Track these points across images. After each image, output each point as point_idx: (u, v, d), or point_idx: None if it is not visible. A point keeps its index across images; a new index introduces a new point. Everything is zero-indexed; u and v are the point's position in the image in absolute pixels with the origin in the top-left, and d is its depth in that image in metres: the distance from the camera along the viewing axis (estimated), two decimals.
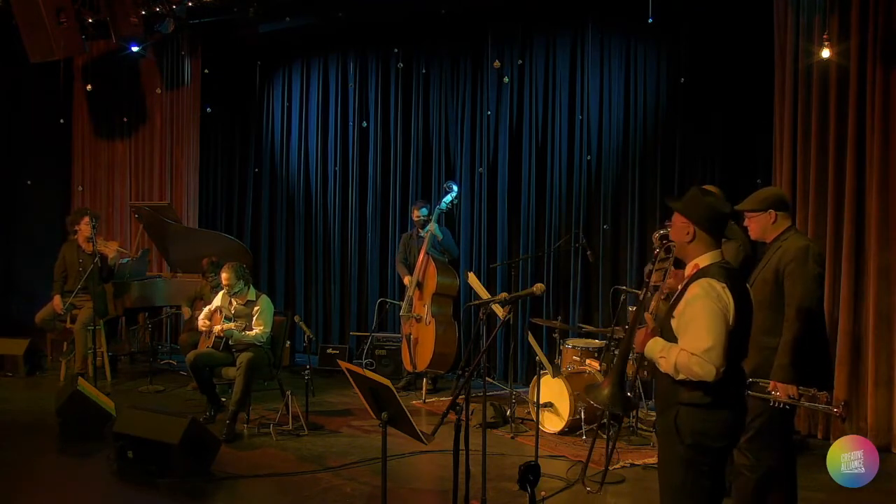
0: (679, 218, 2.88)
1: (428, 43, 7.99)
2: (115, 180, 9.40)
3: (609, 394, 2.90)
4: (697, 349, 2.63)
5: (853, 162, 5.29)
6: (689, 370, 2.65)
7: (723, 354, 2.63)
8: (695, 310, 2.69)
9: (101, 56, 9.02)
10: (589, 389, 3.08)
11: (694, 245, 2.84)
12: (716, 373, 2.62)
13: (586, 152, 7.06)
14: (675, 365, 2.69)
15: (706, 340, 2.63)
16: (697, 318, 2.67)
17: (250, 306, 5.83)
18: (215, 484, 4.56)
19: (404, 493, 4.53)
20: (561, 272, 7.21)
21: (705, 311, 2.66)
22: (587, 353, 5.94)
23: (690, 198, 2.88)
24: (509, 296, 3.66)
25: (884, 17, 5.16)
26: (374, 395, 3.46)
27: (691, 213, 2.84)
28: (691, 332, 2.68)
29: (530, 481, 2.86)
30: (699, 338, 2.64)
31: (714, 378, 2.62)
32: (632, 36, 6.84)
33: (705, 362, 2.61)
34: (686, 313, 2.72)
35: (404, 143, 8.15)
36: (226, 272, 5.85)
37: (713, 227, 2.83)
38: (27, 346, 7.30)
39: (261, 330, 5.74)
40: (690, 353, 2.64)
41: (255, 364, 5.58)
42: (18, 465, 4.89)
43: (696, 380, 2.66)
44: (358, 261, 8.51)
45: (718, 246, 2.85)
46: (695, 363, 2.63)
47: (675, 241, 2.93)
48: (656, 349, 2.79)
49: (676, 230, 2.89)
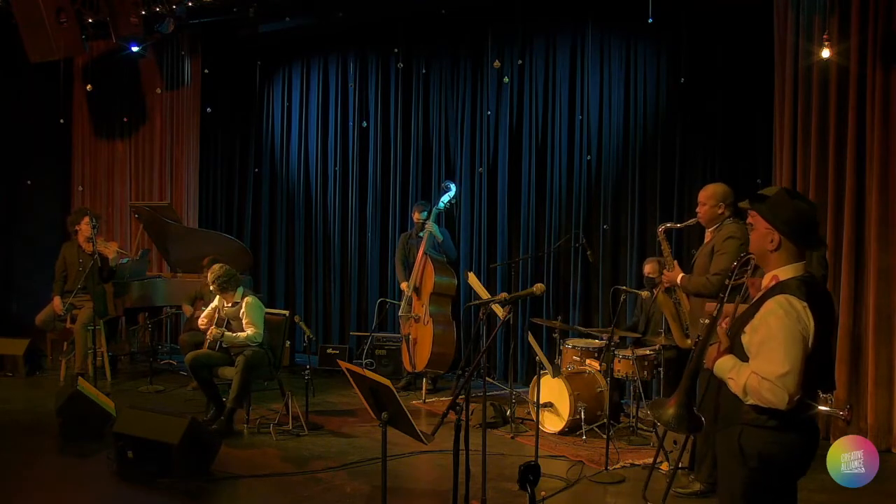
0: (761, 222, 2.56)
1: (428, 43, 7.99)
2: (115, 180, 9.41)
3: (674, 414, 2.65)
4: (770, 374, 2.39)
5: (853, 162, 5.28)
6: (760, 395, 2.42)
7: (798, 381, 2.39)
8: (770, 329, 2.43)
9: (101, 56, 9.02)
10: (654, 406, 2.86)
11: (777, 255, 2.54)
12: (789, 401, 2.38)
13: (586, 152, 7.06)
14: (745, 388, 2.46)
15: (781, 365, 2.38)
16: (772, 338, 2.42)
17: (237, 308, 5.84)
18: (215, 484, 4.56)
19: (404, 493, 4.53)
20: (561, 272, 7.21)
21: (782, 331, 2.41)
22: (587, 353, 5.95)
23: (777, 200, 2.55)
24: (509, 296, 3.65)
25: (884, 17, 5.16)
26: (374, 395, 3.46)
27: (777, 218, 2.51)
28: (764, 353, 2.44)
29: (530, 481, 2.86)
30: (773, 361, 2.40)
31: (787, 406, 2.40)
32: (632, 36, 6.84)
33: (778, 389, 2.38)
34: (760, 331, 2.46)
35: (404, 143, 8.15)
36: (208, 274, 5.88)
37: (801, 235, 2.53)
38: (27, 346, 7.30)
39: (252, 331, 5.71)
40: (762, 377, 2.41)
41: (252, 363, 5.58)
42: (18, 465, 4.88)
43: (766, 406, 2.43)
44: (358, 261, 8.51)
45: (804, 257, 2.56)
46: (766, 389, 2.40)
47: (756, 249, 2.61)
48: (726, 368, 2.54)
49: (759, 237, 2.58)
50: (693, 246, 6.18)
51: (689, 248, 6.24)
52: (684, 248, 6.28)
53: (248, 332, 5.72)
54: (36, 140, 9.64)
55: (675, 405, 2.66)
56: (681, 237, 6.35)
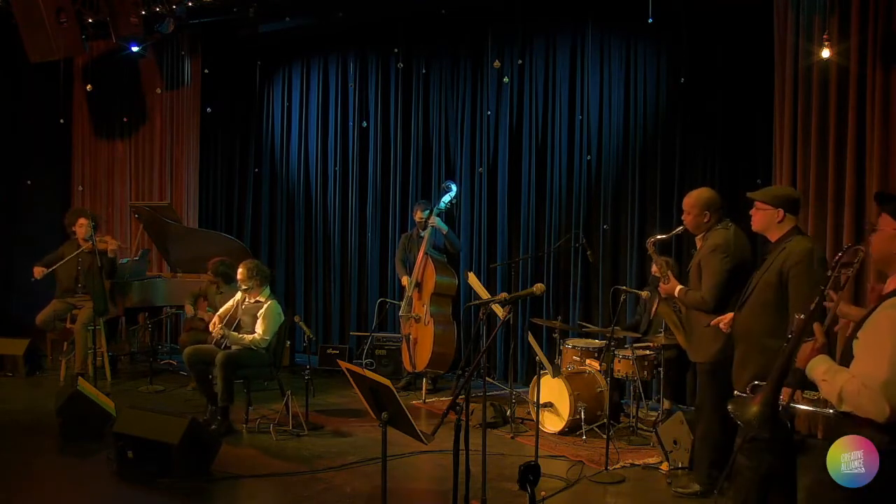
0: (889, 223, 2.35)
1: (428, 43, 7.99)
2: (115, 180, 9.41)
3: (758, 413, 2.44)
4: (874, 379, 2.16)
5: (853, 162, 5.28)
6: (858, 403, 2.20)
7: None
8: (881, 332, 2.22)
9: (101, 56, 9.02)
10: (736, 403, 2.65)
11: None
12: (890, 413, 2.15)
13: (586, 152, 7.05)
14: (841, 392, 2.23)
15: (886, 371, 2.15)
16: (883, 343, 2.19)
17: (258, 305, 5.83)
18: (215, 484, 4.56)
19: (404, 493, 4.53)
20: (561, 272, 7.21)
21: (894, 334, 2.18)
22: (587, 353, 5.95)
23: None
24: (509, 296, 3.65)
25: (884, 17, 5.15)
26: (374, 395, 3.46)
27: None
28: (870, 357, 2.22)
29: (530, 481, 2.86)
30: (878, 366, 2.17)
31: (885, 420, 2.17)
32: (632, 36, 6.83)
33: (880, 398, 2.15)
34: (869, 333, 2.26)
35: (404, 143, 8.15)
36: (241, 268, 5.88)
37: None
38: (27, 346, 7.30)
39: (260, 335, 5.69)
40: (863, 383, 2.18)
41: (233, 360, 5.52)
42: (18, 465, 4.88)
43: (862, 416, 2.21)
44: (358, 261, 8.51)
45: None
46: (866, 397, 2.17)
47: (878, 252, 2.40)
48: (819, 370, 2.34)
49: (884, 238, 2.37)
50: (693, 246, 6.17)
51: (689, 248, 6.24)
52: (684, 248, 6.27)
53: (254, 336, 5.69)
54: (36, 140, 9.64)
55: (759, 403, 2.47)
56: (681, 237, 6.33)
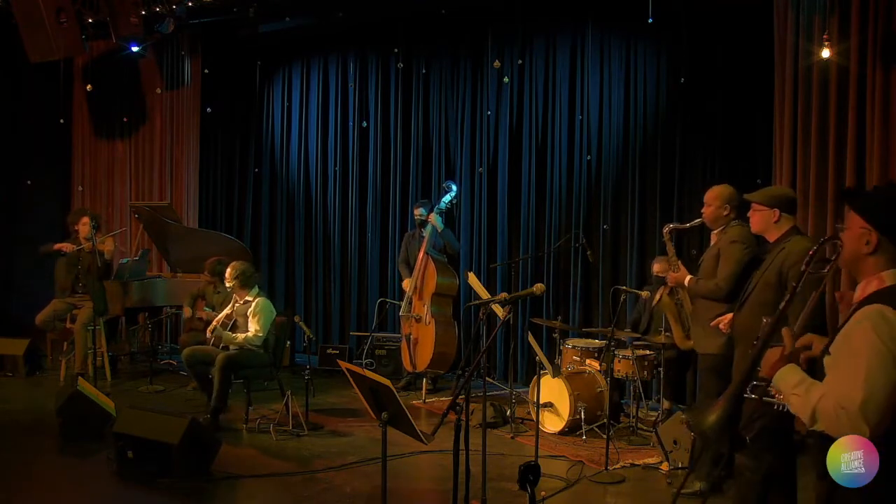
0: (857, 221, 2.12)
1: (428, 43, 7.99)
2: (115, 180, 9.41)
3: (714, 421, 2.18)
4: (851, 401, 1.93)
5: (853, 162, 5.28)
6: (836, 426, 1.97)
7: (881, 410, 1.92)
8: (854, 347, 2.00)
9: (101, 56, 9.02)
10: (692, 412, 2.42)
11: (874, 259, 2.09)
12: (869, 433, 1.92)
13: (586, 152, 7.05)
14: (815, 412, 2.01)
15: (862, 390, 1.92)
16: (857, 359, 1.97)
17: (247, 305, 5.84)
18: (215, 484, 4.56)
19: (404, 493, 4.53)
20: (561, 272, 7.21)
21: (869, 349, 1.95)
22: (587, 353, 5.95)
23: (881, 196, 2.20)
24: (509, 296, 3.65)
25: (884, 17, 5.15)
26: (374, 395, 3.46)
27: (876, 216, 2.08)
28: (844, 375, 1.99)
29: (530, 481, 2.86)
30: (854, 386, 1.94)
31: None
32: (632, 36, 6.84)
33: (858, 419, 1.92)
34: (842, 348, 2.04)
35: (404, 143, 8.15)
36: (228, 269, 5.91)
37: None
38: (27, 346, 7.30)
39: (254, 332, 5.70)
40: (839, 404, 1.95)
41: (233, 362, 5.55)
42: (18, 465, 4.88)
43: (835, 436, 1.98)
44: (358, 261, 8.51)
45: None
46: (844, 419, 1.94)
47: (848, 252, 2.16)
48: (790, 381, 2.11)
49: (852, 237, 2.13)
50: (693, 246, 6.19)
51: (689, 248, 6.25)
52: (685, 248, 6.28)
53: (247, 334, 5.70)
54: (36, 140, 9.64)
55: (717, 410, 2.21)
56: (681, 237, 6.35)
